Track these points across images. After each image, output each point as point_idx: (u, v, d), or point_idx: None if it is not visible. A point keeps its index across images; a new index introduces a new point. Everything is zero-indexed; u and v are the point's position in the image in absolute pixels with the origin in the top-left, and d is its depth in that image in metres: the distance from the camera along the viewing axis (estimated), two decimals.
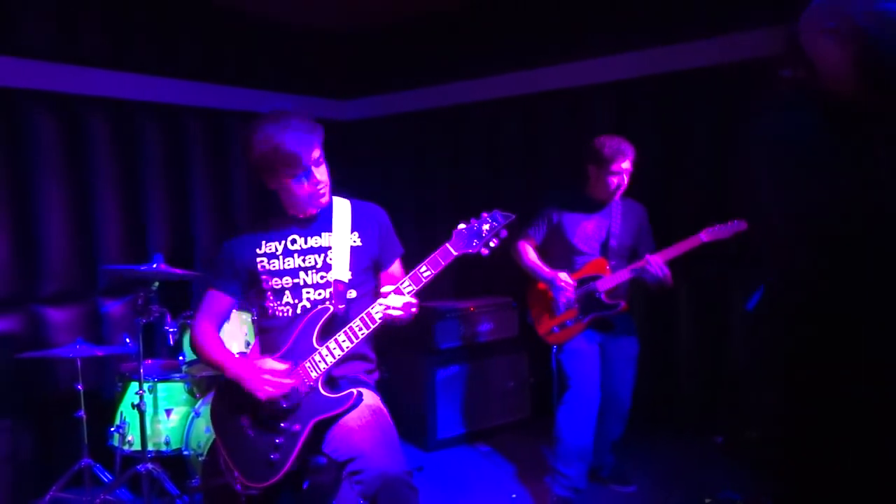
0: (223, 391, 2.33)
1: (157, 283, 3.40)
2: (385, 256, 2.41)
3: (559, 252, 3.38)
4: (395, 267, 2.44)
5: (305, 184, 2.22)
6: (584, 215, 3.34)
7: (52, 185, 3.82)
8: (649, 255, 3.14)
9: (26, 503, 3.50)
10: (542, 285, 3.40)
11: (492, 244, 2.14)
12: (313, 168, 2.21)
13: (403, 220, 2.48)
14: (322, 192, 2.27)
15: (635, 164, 3.26)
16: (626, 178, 3.25)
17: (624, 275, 3.24)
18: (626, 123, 4.23)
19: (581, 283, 3.29)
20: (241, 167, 4.64)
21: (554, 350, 3.38)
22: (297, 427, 2.14)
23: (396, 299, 2.12)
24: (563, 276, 3.24)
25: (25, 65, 3.66)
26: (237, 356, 2.28)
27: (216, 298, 2.39)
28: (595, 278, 3.29)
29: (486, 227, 2.13)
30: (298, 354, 2.18)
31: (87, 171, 3.97)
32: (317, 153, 2.22)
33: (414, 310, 2.16)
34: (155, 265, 3.28)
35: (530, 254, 3.41)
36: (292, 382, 2.15)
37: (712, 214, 3.19)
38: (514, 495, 3.55)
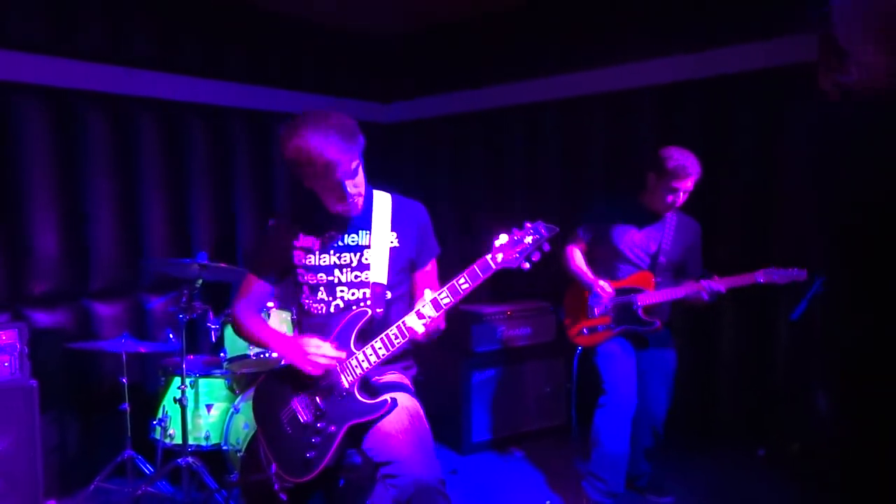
0: (265, 386, 2.35)
1: (200, 281, 3.48)
2: (422, 257, 2.35)
3: (605, 257, 3.33)
4: (430, 267, 2.39)
5: (336, 194, 2.18)
6: (636, 224, 3.27)
7: (102, 184, 3.93)
8: (713, 283, 3.05)
9: (72, 491, 3.60)
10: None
11: (534, 258, 2.03)
12: (346, 181, 2.14)
13: (443, 222, 2.46)
14: (354, 201, 2.21)
15: None
16: (683, 196, 3.16)
17: (669, 294, 3.17)
18: (670, 127, 4.17)
19: (621, 292, 3.24)
20: (283, 167, 4.71)
21: (578, 352, 3.36)
22: (332, 428, 2.15)
23: (432, 310, 2.06)
24: (603, 284, 3.21)
25: (78, 66, 3.78)
26: (282, 334, 2.29)
27: (253, 283, 2.37)
28: (636, 291, 3.23)
29: (528, 239, 2.01)
30: None
31: (135, 170, 4.08)
32: (354, 164, 2.13)
33: (441, 326, 2.13)
34: (198, 261, 3.36)
35: (577, 258, 3.37)
36: (342, 357, 2.14)
37: (757, 219, 3.12)
38: (547, 501, 3.52)
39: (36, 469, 3.08)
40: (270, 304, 3.54)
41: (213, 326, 3.56)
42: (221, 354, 3.53)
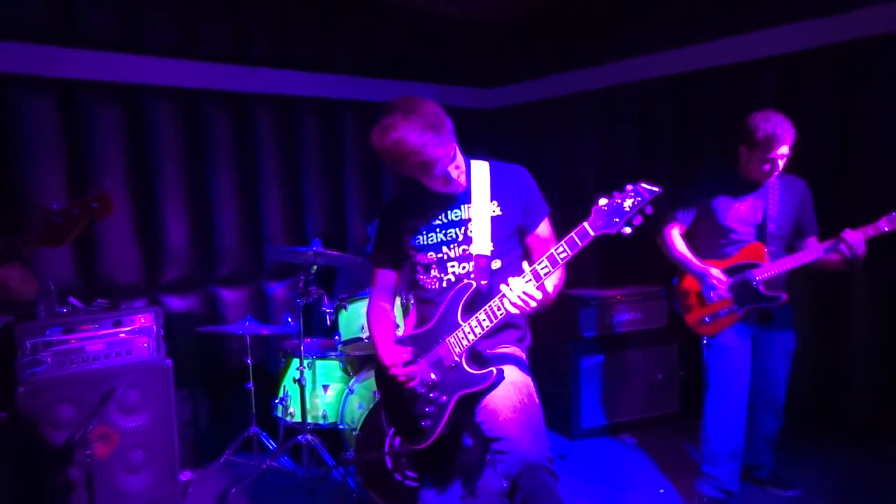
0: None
1: (315, 267, 3.64)
2: (529, 220, 2.30)
3: (709, 236, 3.16)
4: (543, 228, 2.31)
5: (440, 181, 2.20)
6: (737, 196, 3.08)
7: (225, 178, 4.18)
8: (848, 231, 2.82)
9: (205, 464, 3.88)
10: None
11: (635, 222, 1.92)
12: (448, 167, 2.15)
13: (551, 207, 2.41)
14: (456, 181, 2.22)
15: (805, 144, 2.96)
16: (781, 164, 2.95)
17: (789, 263, 2.97)
18: (793, 100, 3.89)
19: (735, 270, 3.04)
20: None
21: (704, 341, 3.19)
22: (444, 398, 2.21)
23: (527, 286, 2.02)
24: (716, 272, 3.02)
25: (203, 67, 4.03)
26: (388, 342, 2.37)
27: (379, 275, 2.49)
28: (751, 266, 3.03)
29: (628, 202, 1.91)
30: (445, 329, 2.23)
31: (255, 164, 4.31)
32: (452, 151, 2.13)
33: (534, 304, 2.03)
34: (314, 249, 3.51)
35: (678, 244, 3.19)
36: (416, 373, 2.23)
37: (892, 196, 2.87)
38: (661, 490, 3.44)
39: (173, 442, 3.33)
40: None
41: (327, 311, 3.70)
42: (336, 337, 3.67)
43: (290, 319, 3.91)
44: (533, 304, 2.02)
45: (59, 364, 3.11)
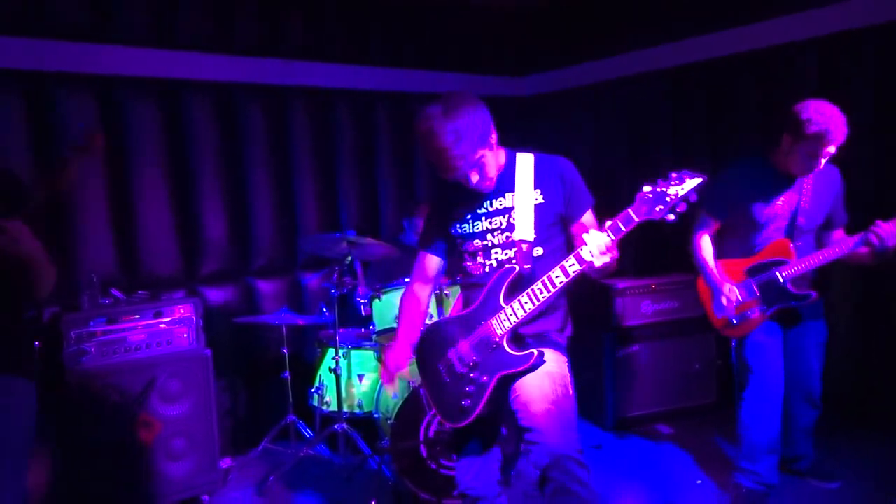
0: (427, 336, 2.49)
1: (349, 258, 3.66)
2: (573, 210, 2.32)
3: (739, 231, 3.03)
4: (587, 218, 2.33)
5: (464, 181, 2.26)
6: (771, 190, 2.93)
7: (261, 171, 4.23)
8: (879, 223, 2.70)
9: (244, 451, 3.96)
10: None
11: (679, 209, 1.96)
12: (469, 172, 2.20)
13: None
14: (483, 184, 2.28)
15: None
16: (823, 162, 2.78)
17: (818, 260, 2.85)
18: (832, 85, 3.78)
19: (760, 268, 2.94)
20: None
21: (733, 344, 3.10)
22: (484, 378, 2.24)
23: (577, 265, 2.09)
24: (728, 290, 2.95)
25: (238, 61, 4.07)
26: (403, 334, 2.48)
27: (423, 259, 2.54)
28: (777, 263, 2.91)
29: (672, 190, 1.96)
30: (487, 311, 2.27)
31: (289, 156, 4.35)
32: (479, 154, 2.18)
33: (608, 260, 2.06)
34: (348, 235, 3.53)
35: (705, 250, 3.08)
36: (390, 378, 2.44)
37: None
38: (698, 481, 3.40)
39: (213, 430, 3.40)
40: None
41: (362, 301, 3.73)
42: (371, 327, 3.70)
43: (324, 310, 3.95)
44: (612, 255, 2.05)
45: (103, 354, 3.19)
